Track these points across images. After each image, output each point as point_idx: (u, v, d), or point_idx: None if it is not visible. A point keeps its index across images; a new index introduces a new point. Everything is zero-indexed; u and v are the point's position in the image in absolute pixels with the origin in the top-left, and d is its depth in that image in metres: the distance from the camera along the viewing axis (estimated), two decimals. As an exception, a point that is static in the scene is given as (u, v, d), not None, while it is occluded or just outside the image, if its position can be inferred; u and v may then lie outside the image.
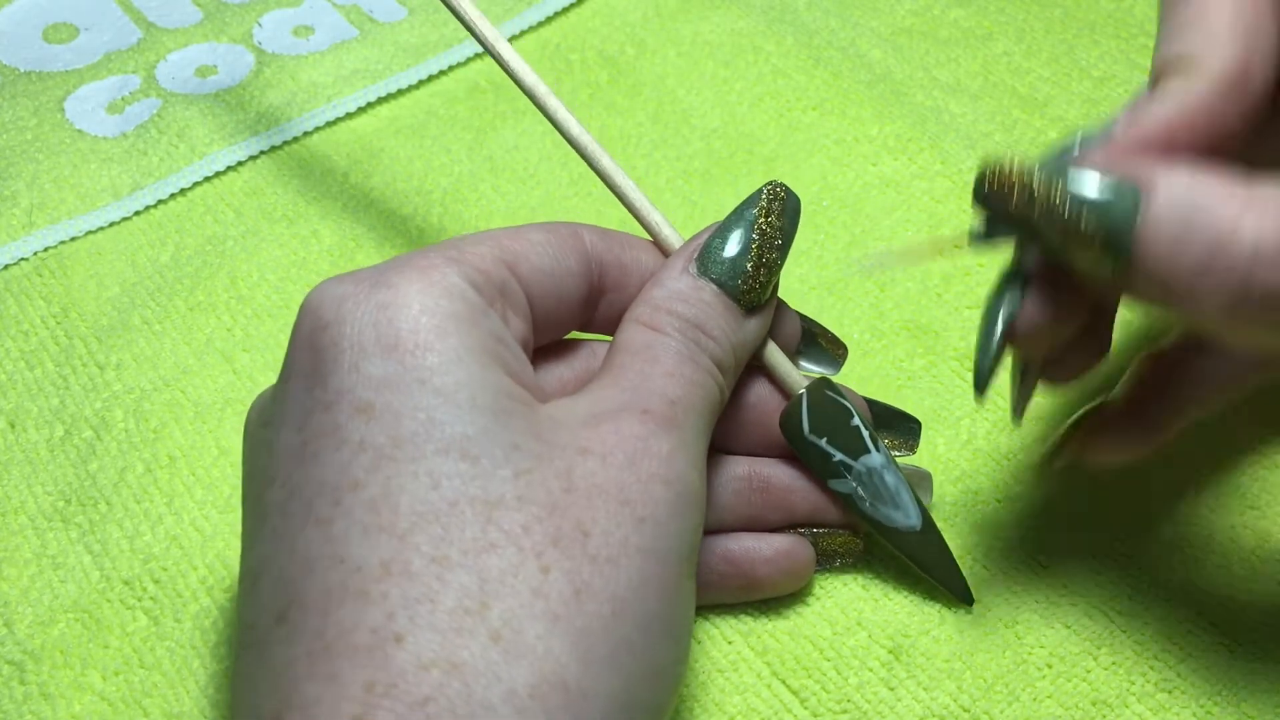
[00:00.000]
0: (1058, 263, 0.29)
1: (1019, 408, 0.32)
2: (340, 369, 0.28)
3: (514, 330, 0.30)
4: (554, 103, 0.36)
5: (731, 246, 0.32)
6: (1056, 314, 0.30)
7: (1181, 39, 0.29)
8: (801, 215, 0.34)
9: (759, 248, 0.32)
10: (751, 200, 0.33)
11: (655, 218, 0.35)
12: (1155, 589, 0.35)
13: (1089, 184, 0.28)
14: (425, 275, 0.29)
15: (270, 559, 0.27)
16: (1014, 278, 0.30)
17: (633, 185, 0.35)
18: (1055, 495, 0.37)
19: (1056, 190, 0.28)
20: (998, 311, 0.30)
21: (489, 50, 0.37)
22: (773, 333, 0.34)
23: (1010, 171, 0.28)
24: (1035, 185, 0.28)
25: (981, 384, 0.31)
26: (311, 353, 0.28)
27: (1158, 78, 0.29)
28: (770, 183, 0.33)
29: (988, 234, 0.30)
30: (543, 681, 0.25)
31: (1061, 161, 0.29)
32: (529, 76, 0.37)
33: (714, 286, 0.32)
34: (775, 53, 0.52)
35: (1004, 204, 0.29)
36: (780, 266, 0.33)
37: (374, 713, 0.24)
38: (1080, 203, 0.27)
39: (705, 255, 0.32)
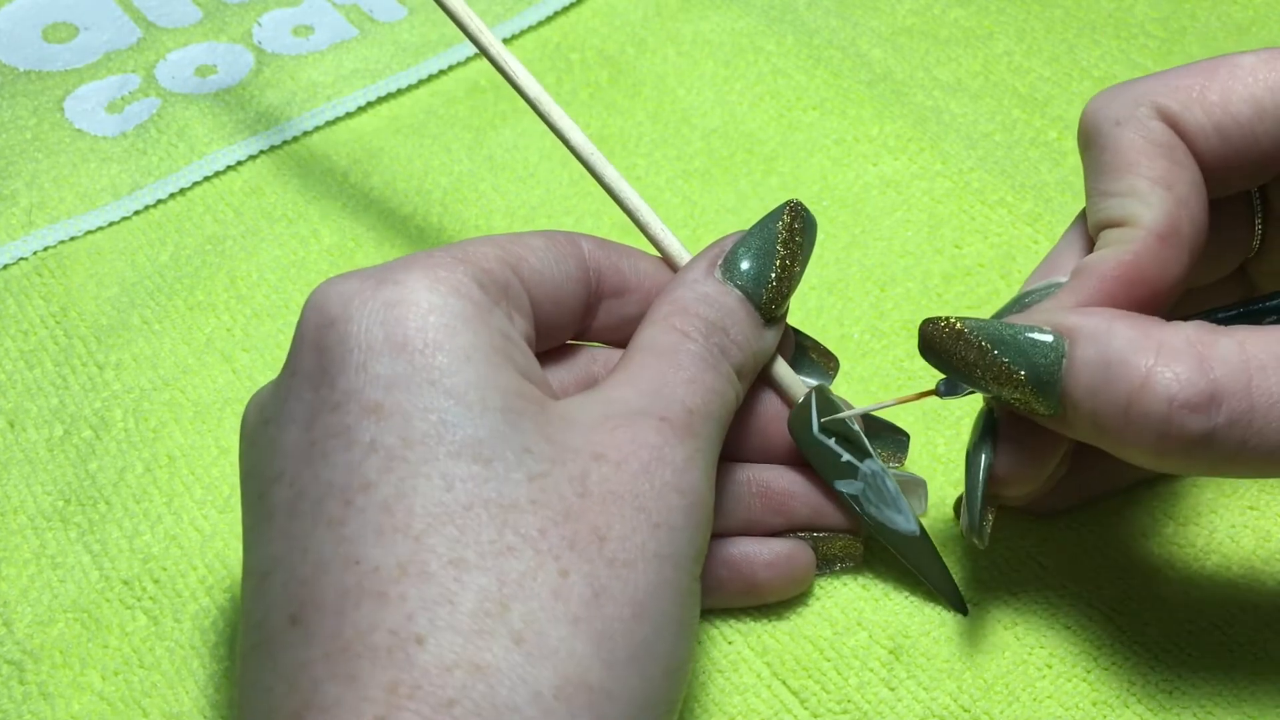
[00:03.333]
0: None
1: (982, 532, 0.32)
2: (348, 369, 0.27)
3: (519, 329, 0.30)
4: (558, 112, 0.36)
5: (757, 256, 0.33)
6: (1030, 459, 0.31)
7: (1112, 201, 0.31)
8: None
9: (783, 260, 0.33)
10: (775, 215, 0.33)
11: (658, 227, 0.35)
12: (1155, 589, 0.35)
13: (1018, 336, 0.29)
14: (432, 273, 0.28)
15: (279, 559, 0.27)
16: (986, 427, 0.32)
17: (638, 197, 0.35)
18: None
19: (988, 343, 0.29)
20: (977, 464, 0.31)
21: (492, 60, 0.37)
22: None
23: (947, 326, 0.30)
24: (970, 338, 0.30)
25: (978, 533, 0.32)
26: (318, 351, 0.28)
27: (1094, 236, 0.31)
28: (792, 200, 0.34)
29: (951, 386, 0.32)
30: (567, 683, 0.25)
31: (998, 315, 0.31)
32: (533, 88, 0.37)
33: (739, 292, 0.32)
34: (775, 52, 0.52)
35: (945, 358, 0.30)
36: (799, 281, 0.33)
37: (398, 714, 0.24)
38: (1010, 354, 0.29)
39: (731, 262, 0.33)
